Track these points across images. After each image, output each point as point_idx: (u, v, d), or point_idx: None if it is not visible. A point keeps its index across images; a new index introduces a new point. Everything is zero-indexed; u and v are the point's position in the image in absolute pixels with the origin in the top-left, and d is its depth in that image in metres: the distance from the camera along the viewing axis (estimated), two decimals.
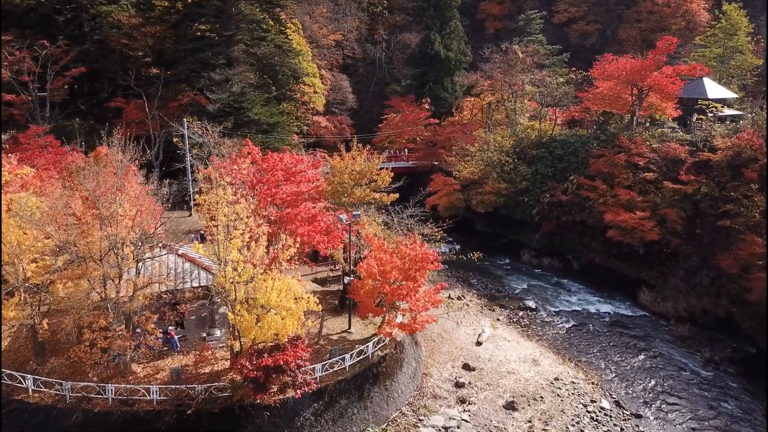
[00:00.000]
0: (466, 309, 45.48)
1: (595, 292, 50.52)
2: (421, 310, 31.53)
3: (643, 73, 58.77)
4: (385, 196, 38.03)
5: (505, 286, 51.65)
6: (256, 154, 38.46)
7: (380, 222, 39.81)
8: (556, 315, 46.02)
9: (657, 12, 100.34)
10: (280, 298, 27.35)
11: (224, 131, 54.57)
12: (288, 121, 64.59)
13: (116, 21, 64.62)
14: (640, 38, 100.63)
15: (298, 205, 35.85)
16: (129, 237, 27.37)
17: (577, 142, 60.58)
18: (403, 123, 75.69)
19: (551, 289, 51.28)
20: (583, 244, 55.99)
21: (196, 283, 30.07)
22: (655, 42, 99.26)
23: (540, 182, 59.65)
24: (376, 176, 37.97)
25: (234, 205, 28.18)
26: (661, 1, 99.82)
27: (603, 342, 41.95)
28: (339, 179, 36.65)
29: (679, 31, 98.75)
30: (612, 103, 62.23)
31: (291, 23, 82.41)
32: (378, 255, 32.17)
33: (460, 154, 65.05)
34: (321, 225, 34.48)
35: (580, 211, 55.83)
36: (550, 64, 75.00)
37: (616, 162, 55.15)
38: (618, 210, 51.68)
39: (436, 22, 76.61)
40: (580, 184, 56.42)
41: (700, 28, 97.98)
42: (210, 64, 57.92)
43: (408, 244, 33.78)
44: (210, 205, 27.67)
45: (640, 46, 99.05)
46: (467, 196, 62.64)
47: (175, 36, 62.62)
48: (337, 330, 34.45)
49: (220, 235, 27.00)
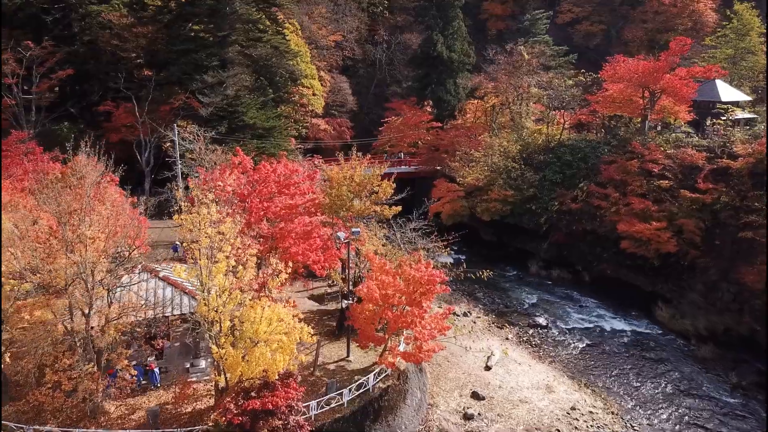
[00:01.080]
0: (472, 326, 42.05)
1: (609, 306, 47.12)
2: (428, 339, 28.14)
3: (655, 75, 55.31)
4: (387, 209, 34.61)
5: (514, 300, 48.23)
6: (248, 163, 35.06)
7: (381, 236, 36.43)
8: (569, 333, 42.62)
9: (663, 12, 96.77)
10: (271, 329, 24.03)
11: (217, 136, 51.23)
12: (285, 125, 61.14)
13: (106, 21, 61.17)
14: (646, 39, 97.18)
15: (293, 219, 32.46)
16: (100, 262, 23.99)
17: (587, 147, 57.13)
18: (405, 126, 72.20)
19: (562, 303, 47.87)
20: (594, 254, 52.55)
21: (178, 311, 26.65)
22: (661, 43, 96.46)
23: (548, 189, 56.22)
24: (377, 187, 34.51)
25: (219, 224, 24.87)
26: (668, 1, 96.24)
27: (620, 364, 38.55)
28: (337, 191, 33.23)
29: (685, 31, 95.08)
30: (622, 106, 58.79)
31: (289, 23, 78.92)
32: (379, 277, 28.78)
33: (464, 159, 61.59)
34: (317, 242, 31.11)
35: (591, 220, 52.42)
36: (556, 65, 71.54)
37: (629, 169, 51.71)
38: (632, 220, 48.25)
39: (438, 22, 73.06)
40: (591, 192, 53.00)
41: (707, 29, 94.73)
42: (203, 66, 54.47)
43: (412, 263, 30.42)
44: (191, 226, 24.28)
45: (646, 46, 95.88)
46: (472, 203, 59.22)
47: (167, 37, 59.18)
48: (334, 358, 31.08)
49: (202, 260, 23.63)
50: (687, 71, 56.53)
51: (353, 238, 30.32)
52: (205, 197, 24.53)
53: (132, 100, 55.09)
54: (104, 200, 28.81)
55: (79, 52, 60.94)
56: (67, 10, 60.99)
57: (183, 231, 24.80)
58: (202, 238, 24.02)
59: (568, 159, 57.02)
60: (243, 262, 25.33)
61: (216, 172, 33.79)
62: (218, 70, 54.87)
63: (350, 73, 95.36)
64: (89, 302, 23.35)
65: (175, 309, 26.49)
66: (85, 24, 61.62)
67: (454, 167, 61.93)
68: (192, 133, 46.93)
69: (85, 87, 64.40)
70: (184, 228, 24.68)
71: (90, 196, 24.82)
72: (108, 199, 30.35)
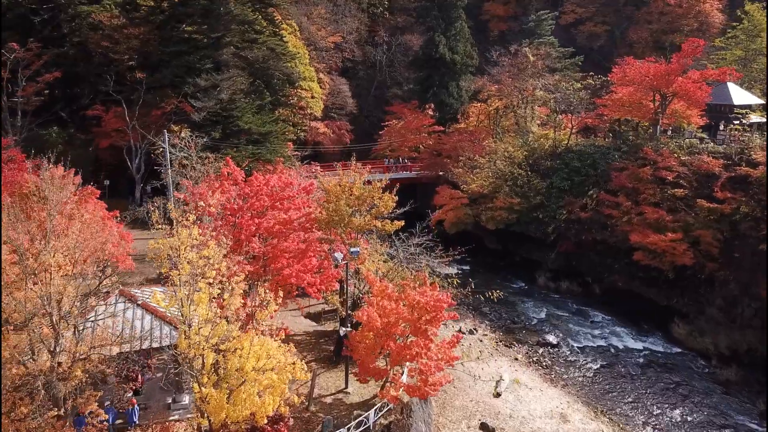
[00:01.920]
0: (481, 351, 39.04)
1: (622, 322, 44.16)
2: (434, 372, 25.19)
3: (668, 78, 52.33)
4: (389, 224, 31.63)
5: (521, 315, 45.24)
6: (239, 174, 32.11)
7: (383, 252, 33.47)
8: (581, 352, 39.65)
9: (668, 13, 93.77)
10: (259, 365, 21.14)
11: (210, 142, 48.30)
12: (282, 129, 58.18)
13: (96, 22, 58.20)
14: (651, 40, 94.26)
15: (287, 236, 29.53)
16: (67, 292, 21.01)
17: (596, 153, 54.12)
18: (406, 130, 69.21)
19: (572, 318, 44.91)
20: (605, 265, 49.60)
21: (158, 344, 23.68)
22: (666, 44, 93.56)
23: (556, 197, 53.24)
24: (377, 201, 31.54)
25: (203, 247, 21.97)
26: (673, 2, 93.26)
27: (637, 388, 35.60)
28: (335, 206, 30.25)
29: (691, 32, 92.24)
30: (632, 110, 55.87)
31: (287, 24, 76.07)
32: (380, 302, 25.84)
33: (467, 165, 58.60)
34: (312, 262, 28.17)
35: (601, 230, 49.45)
36: (562, 67, 68.51)
37: (641, 176, 48.72)
38: (646, 230, 45.30)
39: (440, 23, 70.03)
40: (601, 200, 50.04)
41: (714, 30, 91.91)
42: (195, 68, 51.51)
43: (416, 285, 27.51)
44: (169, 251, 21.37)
45: (652, 48, 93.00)
46: (476, 211, 56.23)
47: (159, 38, 56.23)
48: (331, 389, 28.15)
49: (181, 292, 20.71)
50: (700, 74, 53.58)
51: (352, 258, 27.38)
52: (186, 219, 21.62)
53: (122, 103, 52.15)
54: (79, 217, 25.96)
55: (69, 54, 58.11)
56: (56, 11, 58.10)
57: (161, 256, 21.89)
58: (183, 264, 21.12)
59: (576, 165, 54.04)
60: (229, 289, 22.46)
61: (203, 185, 30.84)
62: (212, 72, 51.94)
63: (350, 75, 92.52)
64: (55, 339, 20.38)
65: (154, 342, 23.51)
66: (74, 25, 58.69)
67: (458, 173, 58.97)
68: (183, 139, 43.98)
69: (75, 90, 61.55)
70: (162, 253, 21.80)
71: (55, 216, 21.83)
72: (85, 215, 27.53)
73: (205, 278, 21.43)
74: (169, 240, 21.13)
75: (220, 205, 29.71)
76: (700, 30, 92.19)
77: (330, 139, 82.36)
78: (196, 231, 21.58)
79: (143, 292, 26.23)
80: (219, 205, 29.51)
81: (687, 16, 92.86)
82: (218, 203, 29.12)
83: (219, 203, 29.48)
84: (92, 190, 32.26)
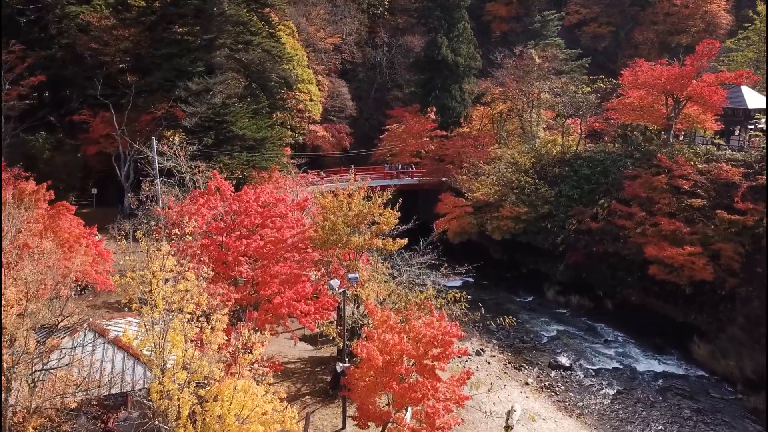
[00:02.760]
0: (487, 368, 36.08)
1: (637, 341, 41.15)
2: (443, 414, 22.12)
3: (682, 82, 49.28)
4: (391, 242, 28.57)
5: (530, 332, 42.18)
6: (227, 189, 29.04)
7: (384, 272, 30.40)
8: (596, 376, 36.59)
9: (674, 13, 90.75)
10: (243, 414, 18.13)
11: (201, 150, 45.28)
12: (278, 134, 55.02)
13: (85, 23, 55.07)
14: (657, 41, 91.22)
15: (278, 258, 26.49)
16: (21, 331, 18.00)
17: (607, 160, 51.06)
18: (407, 135, 66.04)
19: (584, 336, 41.87)
20: (617, 278, 46.52)
21: (129, 388, 20.63)
22: (672, 45, 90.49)
23: (565, 206, 50.17)
24: (378, 217, 28.49)
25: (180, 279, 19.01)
26: (680, 2, 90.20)
27: (658, 417, 32.53)
28: (331, 224, 27.17)
29: (698, 33, 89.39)
30: (644, 114, 52.76)
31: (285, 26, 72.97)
32: (382, 335, 22.76)
33: (471, 171, 55.53)
34: (306, 288, 25.12)
35: (613, 241, 46.39)
36: (569, 70, 65.33)
37: (656, 185, 45.66)
38: (662, 243, 42.24)
39: (443, 23, 66.82)
40: (613, 210, 47.00)
41: (721, 30, 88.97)
42: (187, 71, 48.39)
43: (422, 314, 24.50)
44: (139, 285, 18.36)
45: (658, 49, 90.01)
46: (481, 219, 53.14)
47: (150, 40, 53.10)
48: (327, 428, 25.11)
49: (152, 334, 17.70)
50: (716, 77, 50.48)
51: (349, 286, 24.33)
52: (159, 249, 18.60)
53: (110, 108, 49.01)
54: (51, 236, 22.97)
55: (57, 56, 54.98)
56: (43, 12, 55.04)
57: (130, 291, 18.87)
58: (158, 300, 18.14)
59: (585, 173, 50.98)
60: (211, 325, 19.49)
61: (188, 202, 27.79)
62: (204, 76, 48.83)
63: (349, 77, 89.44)
64: (6, 391, 17.36)
65: (125, 386, 20.45)
66: (62, 26, 55.56)
67: (461, 180, 55.85)
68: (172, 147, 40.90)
69: (63, 94, 58.54)
70: (131, 288, 18.77)
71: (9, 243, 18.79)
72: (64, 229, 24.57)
73: (183, 313, 18.50)
74: (139, 274, 18.10)
75: (205, 224, 26.67)
76: (706, 31, 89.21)
77: (329, 143, 79.33)
78: (171, 262, 18.57)
79: (117, 324, 23.16)
80: (204, 224, 26.47)
81: (693, 17, 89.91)
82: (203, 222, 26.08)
83: (205, 221, 26.44)
84: (66, 206, 29.22)
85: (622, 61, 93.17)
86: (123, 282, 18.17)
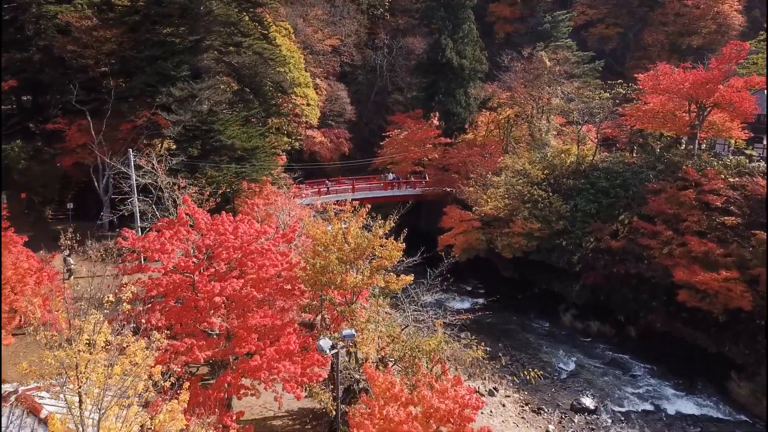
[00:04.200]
0: (502, 412, 31.13)
1: (667, 375, 36.29)
2: None
3: (709, 87, 44.30)
4: (394, 279, 23.61)
5: (548, 366, 37.19)
6: (201, 217, 24.04)
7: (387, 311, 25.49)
8: (625, 421, 31.68)
9: (685, 14, 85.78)
10: None
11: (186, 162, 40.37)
12: (271, 143, 50.08)
13: (64, 23, 49.98)
14: (668, 43, 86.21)
15: (259, 304, 21.56)
16: None
17: (626, 171, 46.13)
18: (409, 142, 61.04)
19: (608, 371, 36.95)
20: (640, 302, 41.63)
21: None
22: (683, 47, 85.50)
23: (581, 221, 45.23)
24: (379, 250, 23.52)
25: (122, 353, 14.20)
26: (690, 3, 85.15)
27: None
28: (323, 261, 22.19)
29: (709, 34, 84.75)
30: (665, 122, 47.82)
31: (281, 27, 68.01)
32: (383, 409, 17.84)
33: (479, 182, 50.57)
34: (291, 343, 20.17)
35: (636, 262, 41.48)
36: (580, 73, 60.21)
37: (683, 200, 40.74)
38: (693, 266, 37.35)
39: (447, 24, 61.71)
40: (635, 228, 42.08)
41: (733, 32, 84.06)
42: (170, 76, 43.38)
43: (434, 376, 19.62)
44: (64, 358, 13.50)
45: (668, 51, 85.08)
46: (490, 235, 48.19)
47: (133, 42, 48.06)
48: None
49: None
50: (744, 81, 45.51)
51: (344, 345, 19.40)
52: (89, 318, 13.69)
53: (86, 115, 44.03)
54: None
55: (34, 59, 49.96)
56: (18, 11, 50.00)
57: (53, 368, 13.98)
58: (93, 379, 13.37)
59: (603, 185, 46.03)
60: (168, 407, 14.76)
61: (152, 235, 22.80)
62: (189, 80, 43.77)
63: (348, 80, 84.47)
64: None
65: None
66: (39, 27, 50.50)
67: (468, 192, 50.91)
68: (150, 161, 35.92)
69: (42, 99, 53.54)
70: (54, 363, 13.88)
71: None
72: None
73: (133, 388, 13.75)
74: (58, 355, 13.21)
75: (172, 262, 21.73)
76: (718, 32, 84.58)
77: (327, 149, 74.49)
78: (103, 337, 13.68)
79: (53, 394, 18.16)
80: (171, 264, 21.54)
81: (705, 18, 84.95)
82: (169, 262, 21.14)
83: (171, 260, 21.51)
84: (12, 238, 24.24)
85: (631, 64, 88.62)
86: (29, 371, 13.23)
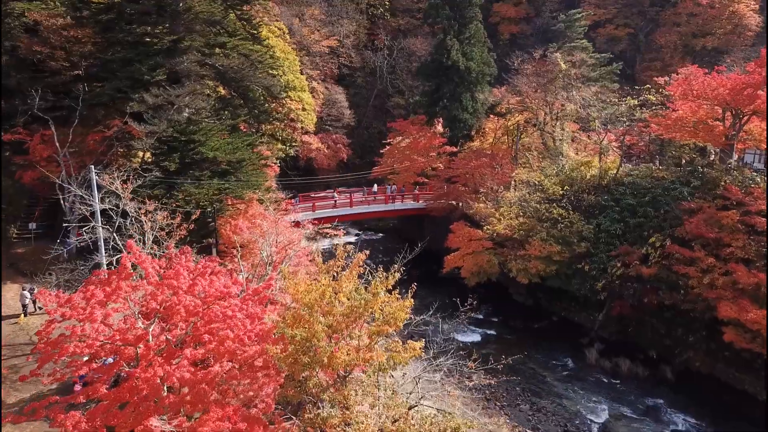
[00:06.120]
0: None
1: (712, 429, 30.28)
2: None
3: (749, 92, 38.37)
4: (401, 350, 17.65)
5: (574, 416, 31.21)
6: (150, 267, 18.00)
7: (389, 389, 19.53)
8: None
9: (699, 14, 79.87)
10: None
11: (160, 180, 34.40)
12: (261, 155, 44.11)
13: (32, 22, 43.95)
14: (681, 44, 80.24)
15: (220, 390, 15.60)
16: None
17: (656, 187, 40.16)
18: (411, 151, 55.09)
19: (644, 423, 30.89)
20: (674, 338, 35.79)
21: None
22: (697, 48, 79.49)
23: (605, 243, 39.30)
24: (378, 311, 17.55)
25: None
26: (705, 2, 79.13)
27: None
28: (304, 332, 16.20)
29: (725, 35, 78.76)
30: (697, 132, 41.88)
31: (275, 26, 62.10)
32: None
33: (489, 197, 44.63)
34: None
35: (671, 291, 35.53)
36: (597, 77, 54.13)
37: (725, 222, 34.80)
38: (741, 300, 31.47)
39: (453, 24, 55.49)
40: (669, 253, 36.14)
41: (749, 32, 78.26)
42: (143, 80, 37.37)
43: None
44: None
45: (681, 53, 79.18)
46: (502, 257, 42.28)
47: (106, 42, 42.03)
48: None
49: None
50: None
51: None
52: None
53: (50, 125, 38.03)
54: None
55: None
56: None
57: None
58: None
59: (629, 202, 40.09)
60: None
61: (79, 295, 16.75)
62: (165, 86, 37.71)
63: (347, 83, 78.76)
64: None
65: None
66: (5, 26, 44.44)
67: (477, 208, 44.96)
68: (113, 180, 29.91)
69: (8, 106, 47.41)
70: None
71: None
72: None
73: None
74: None
75: (105, 332, 15.78)
76: (734, 33, 78.64)
77: (324, 155, 68.75)
78: None
79: None
80: (101, 337, 15.58)
81: (720, 18, 78.99)
82: (95, 339, 15.19)
83: (101, 334, 15.55)
84: None
85: (643, 66, 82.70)
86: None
